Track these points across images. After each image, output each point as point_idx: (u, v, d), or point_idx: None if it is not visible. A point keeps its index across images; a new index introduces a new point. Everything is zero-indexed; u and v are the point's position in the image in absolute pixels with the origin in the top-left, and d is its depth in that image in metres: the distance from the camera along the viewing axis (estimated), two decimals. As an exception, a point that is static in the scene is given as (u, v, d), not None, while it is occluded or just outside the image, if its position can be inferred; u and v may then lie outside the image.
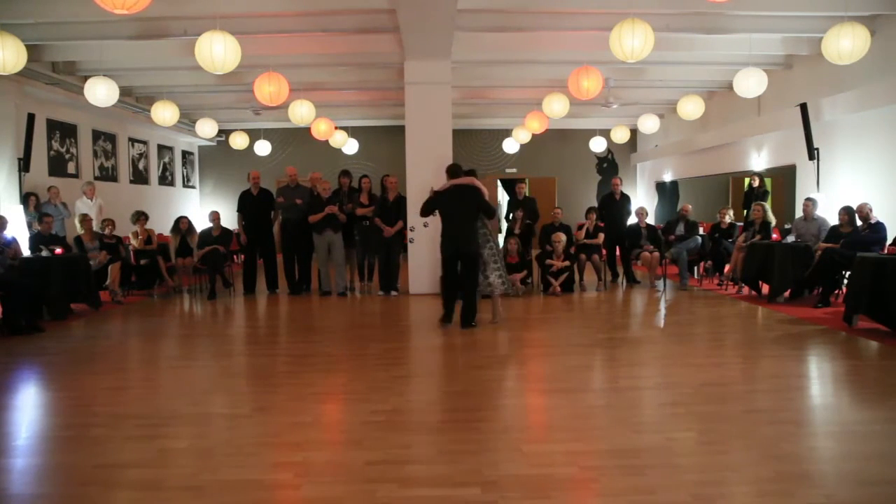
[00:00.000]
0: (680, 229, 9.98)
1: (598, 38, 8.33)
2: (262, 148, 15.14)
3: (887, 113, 8.31)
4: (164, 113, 10.43)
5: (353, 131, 16.04)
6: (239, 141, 14.62)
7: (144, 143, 14.51)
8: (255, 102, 11.00)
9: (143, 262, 9.61)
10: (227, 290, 9.86)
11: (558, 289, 9.26)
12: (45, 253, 7.90)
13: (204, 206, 16.66)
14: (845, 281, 7.39)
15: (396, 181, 9.69)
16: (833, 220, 8.17)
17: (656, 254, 9.79)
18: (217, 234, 9.91)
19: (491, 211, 6.93)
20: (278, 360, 5.73)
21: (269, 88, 8.38)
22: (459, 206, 6.82)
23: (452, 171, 7.05)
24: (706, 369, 5.07)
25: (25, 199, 9.75)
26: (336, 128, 13.82)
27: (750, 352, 5.77)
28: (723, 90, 12.32)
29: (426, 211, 7.02)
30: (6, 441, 3.76)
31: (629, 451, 3.38)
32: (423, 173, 9.54)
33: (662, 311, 8.08)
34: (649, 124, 12.97)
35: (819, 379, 5.08)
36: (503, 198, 19.04)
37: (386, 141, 16.39)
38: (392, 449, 3.46)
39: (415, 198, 9.53)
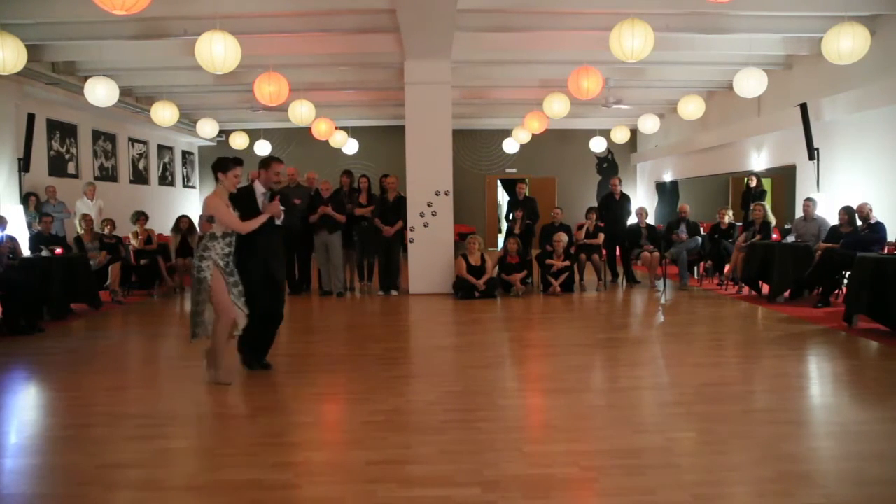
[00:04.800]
0: (682, 230, 9.97)
1: (598, 38, 8.33)
2: (263, 148, 15.14)
3: (887, 113, 8.31)
4: (164, 113, 10.43)
5: (353, 131, 16.04)
6: (239, 141, 14.63)
7: (144, 143, 14.51)
8: (255, 102, 11.00)
9: (143, 262, 9.61)
10: (227, 290, 9.84)
11: (558, 289, 9.25)
12: (45, 253, 7.90)
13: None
14: (845, 281, 7.39)
15: (396, 181, 9.68)
16: (833, 220, 8.16)
17: (656, 254, 9.79)
18: (217, 234, 9.89)
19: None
20: (278, 360, 5.72)
21: (269, 88, 8.38)
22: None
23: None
24: (706, 369, 5.07)
25: (25, 199, 9.75)
26: (336, 128, 13.82)
27: (750, 352, 5.77)
28: (723, 90, 12.31)
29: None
30: (6, 441, 3.76)
31: (629, 451, 3.38)
32: (424, 173, 9.55)
33: (661, 312, 8.09)
34: (649, 124, 12.97)
35: (819, 379, 5.07)
36: (503, 198, 19.08)
37: (386, 141, 16.39)
38: (392, 449, 3.46)
39: (415, 198, 9.55)
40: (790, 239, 8.74)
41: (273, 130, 16.29)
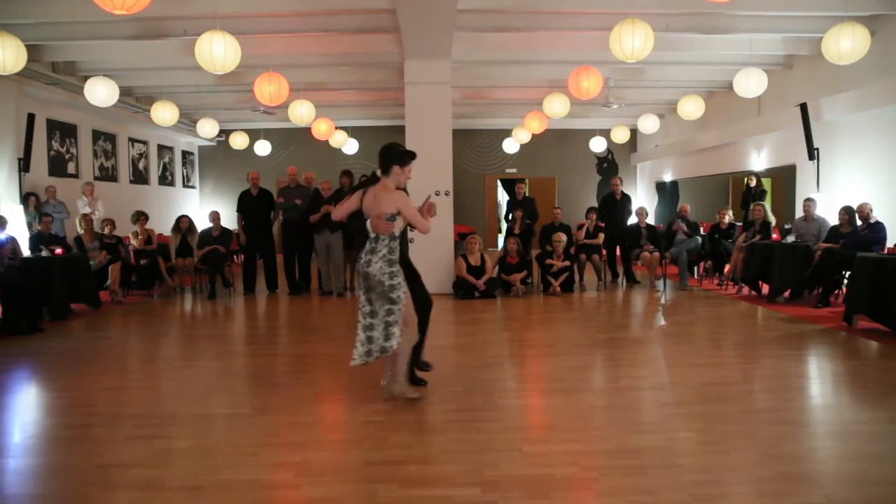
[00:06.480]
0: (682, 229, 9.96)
1: (598, 38, 8.33)
2: (262, 148, 15.15)
3: (887, 113, 8.31)
4: (164, 113, 10.43)
5: (353, 131, 16.04)
6: (239, 141, 14.62)
7: (144, 143, 14.51)
8: (255, 102, 11.00)
9: (143, 262, 9.61)
10: (227, 290, 9.86)
11: (558, 289, 9.25)
12: (45, 253, 7.90)
13: (204, 206, 16.65)
14: (845, 281, 7.39)
15: None
16: (833, 220, 8.17)
17: (656, 254, 9.79)
18: (217, 235, 9.91)
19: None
20: (278, 360, 5.73)
21: (269, 88, 8.38)
22: None
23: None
24: (706, 369, 5.07)
25: (25, 199, 9.75)
26: (336, 128, 13.82)
27: (750, 352, 5.77)
28: (723, 90, 12.31)
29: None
30: (6, 441, 3.76)
31: (629, 451, 3.38)
32: (423, 173, 9.50)
33: (661, 312, 8.08)
34: (649, 124, 12.97)
35: (819, 379, 5.08)
36: (503, 198, 19.08)
37: (386, 141, 16.24)
38: (392, 449, 3.46)
39: (415, 198, 9.51)
40: (790, 239, 8.74)
41: (273, 130, 16.29)
